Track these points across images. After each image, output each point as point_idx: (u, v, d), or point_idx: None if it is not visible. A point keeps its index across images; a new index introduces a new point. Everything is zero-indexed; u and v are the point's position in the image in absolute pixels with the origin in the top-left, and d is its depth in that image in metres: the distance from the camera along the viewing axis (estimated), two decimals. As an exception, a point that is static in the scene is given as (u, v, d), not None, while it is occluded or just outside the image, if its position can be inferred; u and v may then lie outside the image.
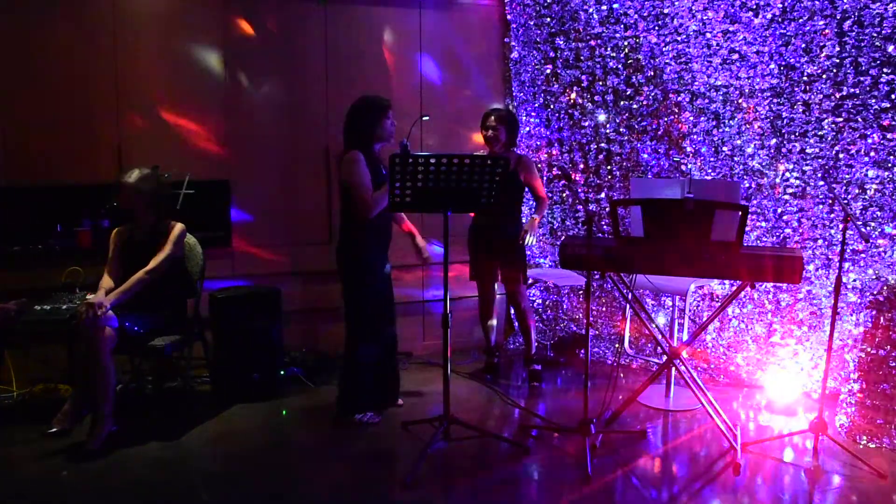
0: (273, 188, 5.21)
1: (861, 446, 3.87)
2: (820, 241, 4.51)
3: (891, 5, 4.15)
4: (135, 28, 4.81)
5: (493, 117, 4.76)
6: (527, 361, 5.07)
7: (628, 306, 4.77)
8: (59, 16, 4.66)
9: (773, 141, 4.60)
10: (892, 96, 4.21)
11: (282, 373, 4.77)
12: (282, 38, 5.13)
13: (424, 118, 4.51)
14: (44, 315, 3.92)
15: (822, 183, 4.46)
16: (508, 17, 5.57)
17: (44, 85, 4.67)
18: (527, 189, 4.88)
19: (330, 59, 5.24)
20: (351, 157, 4.02)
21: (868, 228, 4.32)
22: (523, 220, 5.02)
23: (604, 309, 5.43)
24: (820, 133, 4.46)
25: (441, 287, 3.94)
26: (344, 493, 3.43)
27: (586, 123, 5.34)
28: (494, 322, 5.17)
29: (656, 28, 4.97)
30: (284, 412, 4.42)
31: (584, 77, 5.32)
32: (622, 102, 5.19)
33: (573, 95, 5.36)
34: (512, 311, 5.40)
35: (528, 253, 5.15)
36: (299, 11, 5.15)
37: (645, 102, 5.09)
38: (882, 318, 3.87)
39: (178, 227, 4.18)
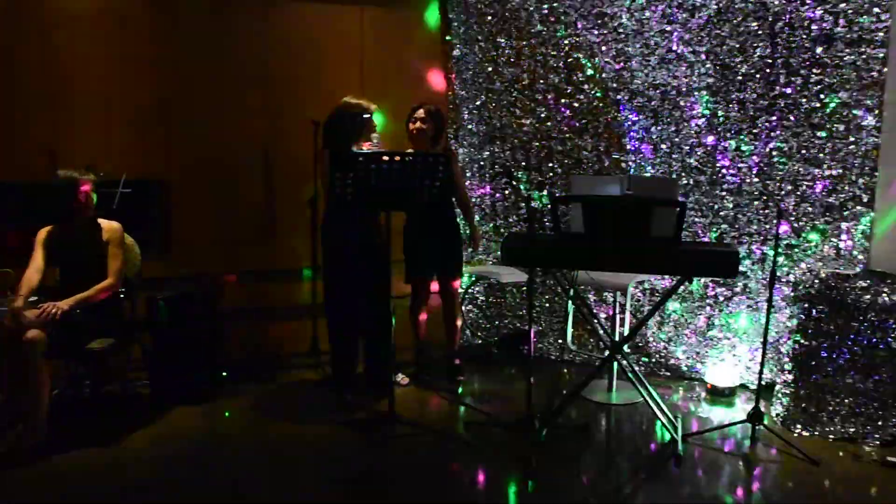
0: (212, 188, 5.13)
1: (795, 435, 3.98)
2: (755, 237, 4.63)
3: (818, 9, 4.29)
4: (69, 28, 4.68)
5: (421, 110, 4.59)
6: (451, 356, 4.98)
7: (570, 302, 4.82)
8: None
9: (710, 138, 4.70)
10: (821, 96, 4.35)
11: (223, 374, 4.69)
12: (220, 37, 5.04)
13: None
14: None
15: (756, 180, 4.58)
16: (450, 15, 5.58)
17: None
18: None
19: (269, 58, 5.17)
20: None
21: (800, 224, 4.45)
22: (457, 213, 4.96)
23: (547, 305, 5.47)
24: (754, 131, 4.57)
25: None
26: (287, 493, 3.38)
27: (527, 121, 5.38)
28: (425, 318, 5.05)
29: (596, 27, 5.04)
30: (227, 413, 4.34)
31: (525, 75, 5.36)
32: (563, 100, 5.24)
33: (514, 93, 5.40)
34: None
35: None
36: (237, 10, 5.07)
37: (585, 100, 5.15)
38: (814, 311, 3.99)
39: (117, 226, 4.09)
